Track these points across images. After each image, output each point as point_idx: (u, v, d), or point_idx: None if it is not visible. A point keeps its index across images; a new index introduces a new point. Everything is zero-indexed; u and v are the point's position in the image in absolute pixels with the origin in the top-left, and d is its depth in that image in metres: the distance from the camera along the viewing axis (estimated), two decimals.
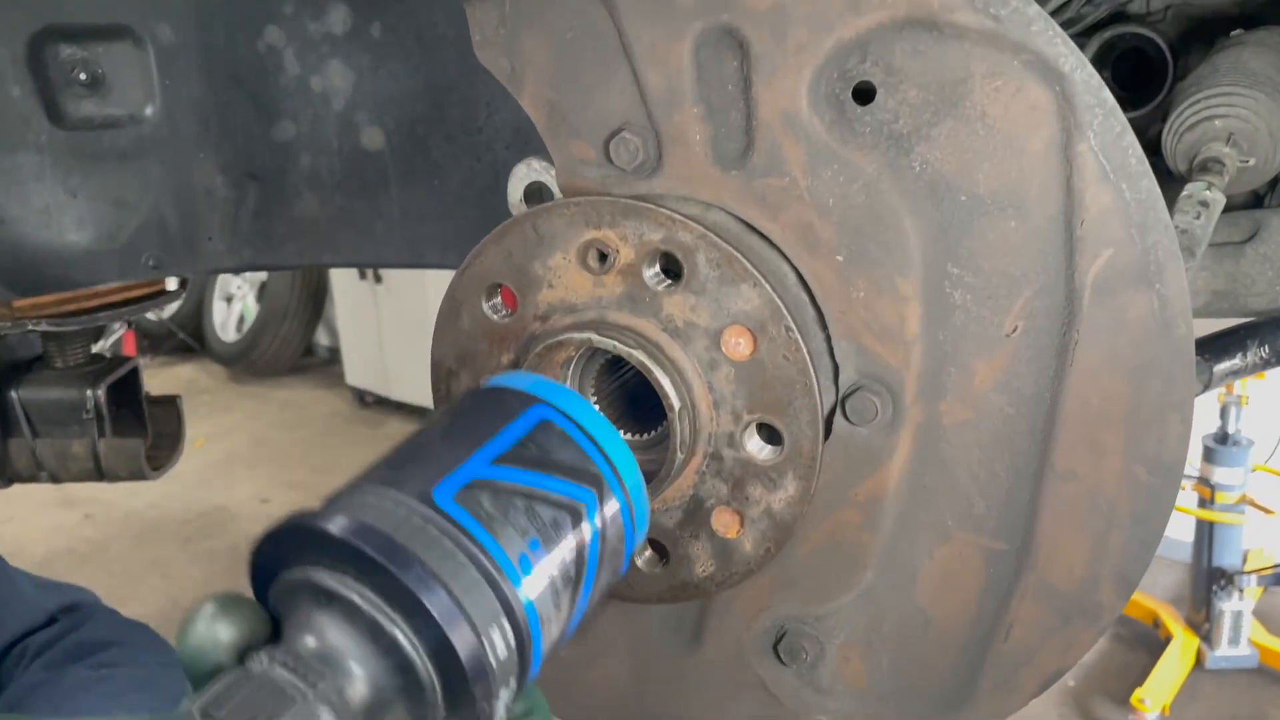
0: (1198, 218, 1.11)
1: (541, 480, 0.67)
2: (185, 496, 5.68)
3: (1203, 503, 4.17)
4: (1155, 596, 4.33)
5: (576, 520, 0.68)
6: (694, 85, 0.84)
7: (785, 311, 0.76)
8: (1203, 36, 1.83)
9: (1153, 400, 0.78)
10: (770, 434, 0.81)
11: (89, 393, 1.67)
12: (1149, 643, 4.15)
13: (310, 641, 0.59)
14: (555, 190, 0.93)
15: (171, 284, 1.96)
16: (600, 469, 0.70)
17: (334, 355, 7.47)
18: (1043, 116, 0.75)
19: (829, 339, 0.85)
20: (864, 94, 0.80)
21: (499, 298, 0.86)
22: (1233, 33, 1.57)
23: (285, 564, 0.61)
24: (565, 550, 0.66)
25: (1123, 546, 0.81)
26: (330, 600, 0.59)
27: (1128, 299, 0.76)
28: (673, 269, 0.79)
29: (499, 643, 0.61)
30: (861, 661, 0.93)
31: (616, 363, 0.85)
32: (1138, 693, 3.72)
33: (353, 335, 6.98)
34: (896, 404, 0.85)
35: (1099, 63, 1.95)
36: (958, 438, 0.84)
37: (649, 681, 1.01)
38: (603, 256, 0.80)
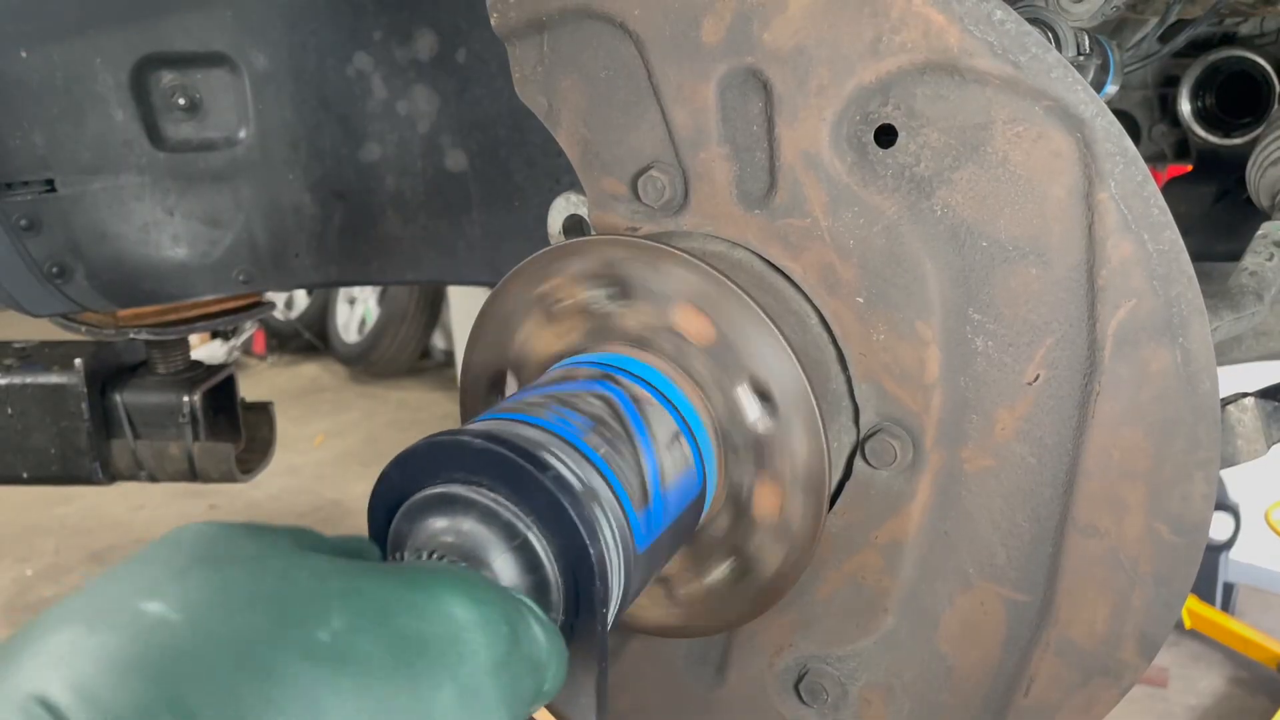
0: (1270, 259, 1.06)
1: (645, 440, 0.74)
2: (303, 490, 5.90)
3: None
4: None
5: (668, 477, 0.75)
6: (719, 125, 0.85)
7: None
8: None
9: (1176, 458, 0.75)
10: None
11: (185, 398, 1.77)
12: (1271, 688, 3.93)
13: (449, 538, 0.62)
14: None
15: (274, 297, 2.06)
16: (689, 447, 0.77)
17: (449, 358, 7.65)
18: (1064, 163, 0.74)
19: (849, 380, 0.85)
20: (886, 137, 0.80)
21: None
22: None
23: (413, 488, 0.64)
24: (659, 498, 0.73)
25: (1146, 606, 0.79)
26: (468, 507, 0.62)
27: (1150, 352, 0.74)
28: None
29: (615, 560, 0.66)
30: (884, 706, 0.92)
31: None
32: None
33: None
34: (916, 448, 0.84)
35: (1203, 86, 1.87)
36: (979, 485, 0.83)
37: (677, 713, 1.02)
38: None
